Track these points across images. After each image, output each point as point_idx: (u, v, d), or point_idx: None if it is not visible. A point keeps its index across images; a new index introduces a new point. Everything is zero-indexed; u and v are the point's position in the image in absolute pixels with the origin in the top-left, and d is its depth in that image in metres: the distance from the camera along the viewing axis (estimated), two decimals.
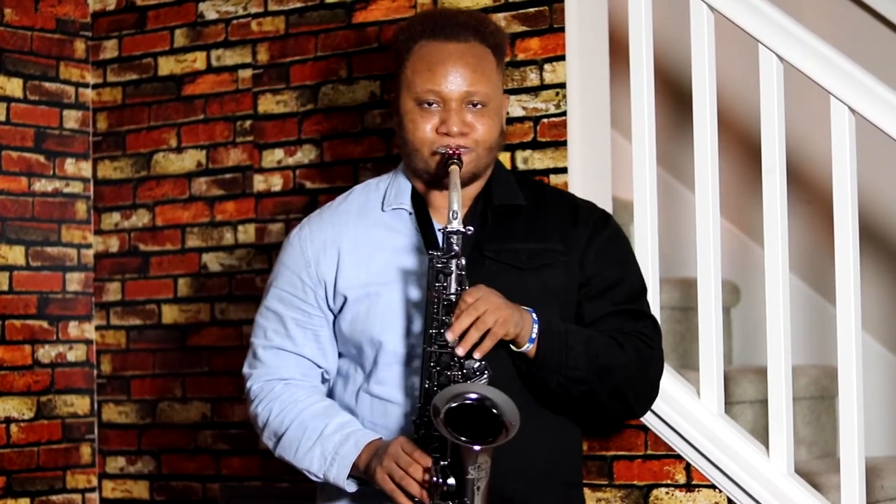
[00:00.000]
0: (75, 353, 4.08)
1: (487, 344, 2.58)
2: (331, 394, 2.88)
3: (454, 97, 2.71)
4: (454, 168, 2.67)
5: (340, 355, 2.87)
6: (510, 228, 2.80)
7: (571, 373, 2.69)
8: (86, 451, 4.08)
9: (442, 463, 2.56)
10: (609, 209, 3.42)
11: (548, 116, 3.39)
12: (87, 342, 4.10)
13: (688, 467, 3.18)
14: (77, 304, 4.09)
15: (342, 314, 2.81)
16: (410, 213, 2.81)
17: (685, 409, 3.16)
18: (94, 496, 4.08)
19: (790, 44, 3.07)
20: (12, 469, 3.93)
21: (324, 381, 2.88)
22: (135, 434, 4.04)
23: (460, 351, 2.56)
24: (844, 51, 3.07)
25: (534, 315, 2.67)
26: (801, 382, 3.78)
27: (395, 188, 2.84)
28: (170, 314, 3.99)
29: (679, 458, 3.18)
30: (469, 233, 2.62)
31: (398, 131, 2.79)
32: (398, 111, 2.78)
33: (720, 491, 3.14)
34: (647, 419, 3.19)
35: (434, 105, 2.72)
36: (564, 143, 3.37)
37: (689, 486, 3.18)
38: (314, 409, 2.79)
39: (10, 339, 3.95)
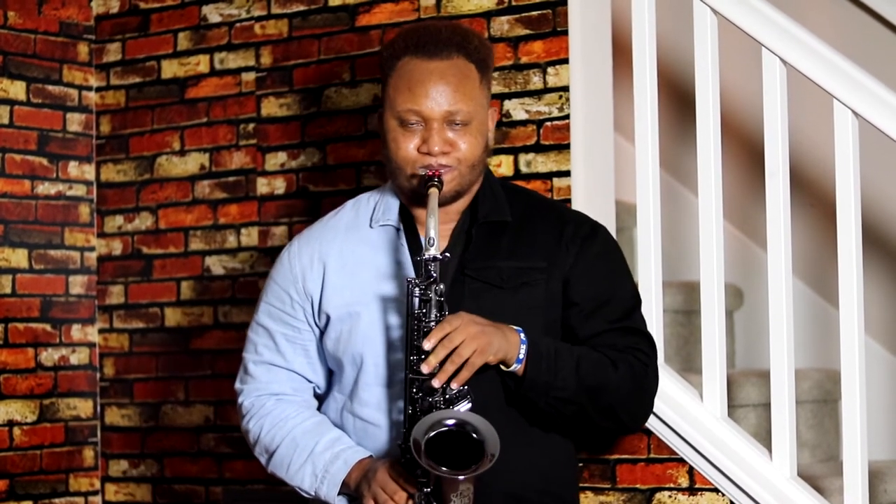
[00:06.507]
0: (78, 356, 4.08)
1: (464, 375, 2.57)
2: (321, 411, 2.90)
3: (435, 116, 2.68)
4: (433, 191, 2.64)
5: (330, 372, 2.88)
6: (494, 246, 2.77)
7: (560, 393, 2.67)
8: (89, 454, 4.08)
9: (426, 490, 2.57)
10: (612, 212, 3.42)
11: (551, 120, 3.39)
12: (90, 345, 4.10)
13: (690, 471, 3.18)
14: (80, 307, 4.09)
15: (327, 332, 2.81)
16: (398, 230, 2.80)
17: (688, 412, 3.16)
18: (97, 499, 4.08)
19: (793, 47, 3.07)
20: (15, 472, 3.93)
21: (316, 395, 2.89)
22: (138, 437, 4.04)
23: (436, 383, 2.55)
24: (848, 54, 3.07)
25: (522, 335, 2.65)
26: (804, 386, 3.77)
27: (384, 205, 2.84)
28: (173, 317, 3.99)
29: (682, 461, 3.18)
30: (446, 259, 2.60)
31: (383, 149, 2.78)
32: (382, 128, 2.76)
33: (723, 494, 3.14)
34: (650, 423, 3.18)
35: (415, 124, 2.70)
36: (567, 147, 3.37)
37: (691, 490, 3.18)
38: (305, 426, 2.80)
39: (13, 342, 3.95)
